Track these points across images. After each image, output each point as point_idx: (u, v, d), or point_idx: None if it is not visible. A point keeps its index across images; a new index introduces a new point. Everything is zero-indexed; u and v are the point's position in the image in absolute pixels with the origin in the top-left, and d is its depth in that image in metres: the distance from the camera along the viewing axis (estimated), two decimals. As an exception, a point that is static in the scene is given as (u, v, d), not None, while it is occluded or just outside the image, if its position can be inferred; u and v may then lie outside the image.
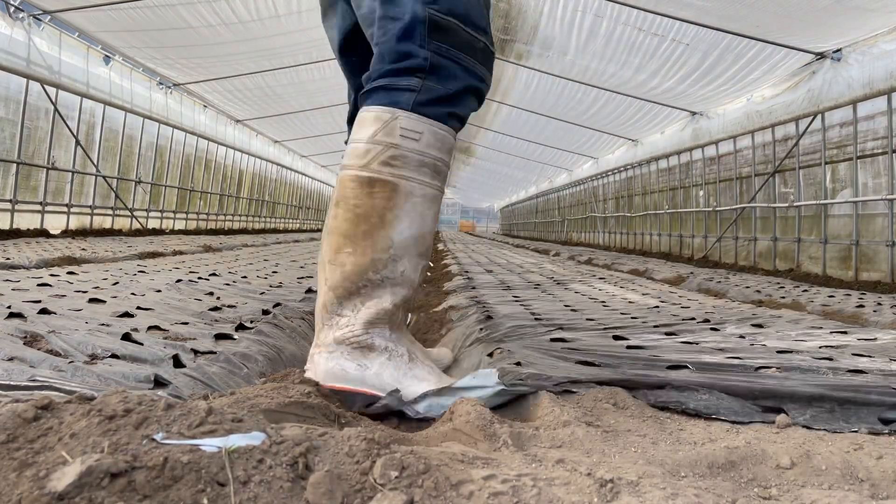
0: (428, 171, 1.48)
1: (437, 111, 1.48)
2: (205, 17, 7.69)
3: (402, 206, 1.44)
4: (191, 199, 13.21)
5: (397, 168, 1.44)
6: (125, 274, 3.87)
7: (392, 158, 1.44)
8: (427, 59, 1.46)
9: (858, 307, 3.76)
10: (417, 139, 1.45)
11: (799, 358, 1.93)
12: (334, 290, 1.44)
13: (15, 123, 7.77)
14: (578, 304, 3.49)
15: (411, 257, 1.46)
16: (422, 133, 1.46)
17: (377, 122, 1.46)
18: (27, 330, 1.74)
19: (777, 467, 1.04)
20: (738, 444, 1.13)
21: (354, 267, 1.43)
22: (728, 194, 9.10)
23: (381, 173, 1.44)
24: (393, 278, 1.44)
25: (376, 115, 1.47)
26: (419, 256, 1.49)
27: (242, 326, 2.17)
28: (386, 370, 1.41)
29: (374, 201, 1.43)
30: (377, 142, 1.45)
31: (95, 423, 0.80)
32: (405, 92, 1.46)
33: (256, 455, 0.78)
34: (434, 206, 1.51)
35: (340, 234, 1.45)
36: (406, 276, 1.46)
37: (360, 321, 1.43)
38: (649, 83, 8.35)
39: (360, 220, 1.43)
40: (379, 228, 1.43)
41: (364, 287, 1.43)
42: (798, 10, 5.52)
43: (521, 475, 0.88)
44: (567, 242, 17.97)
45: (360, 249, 1.43)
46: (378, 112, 1.47)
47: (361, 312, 1.43)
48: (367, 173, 1.44)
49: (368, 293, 1.44)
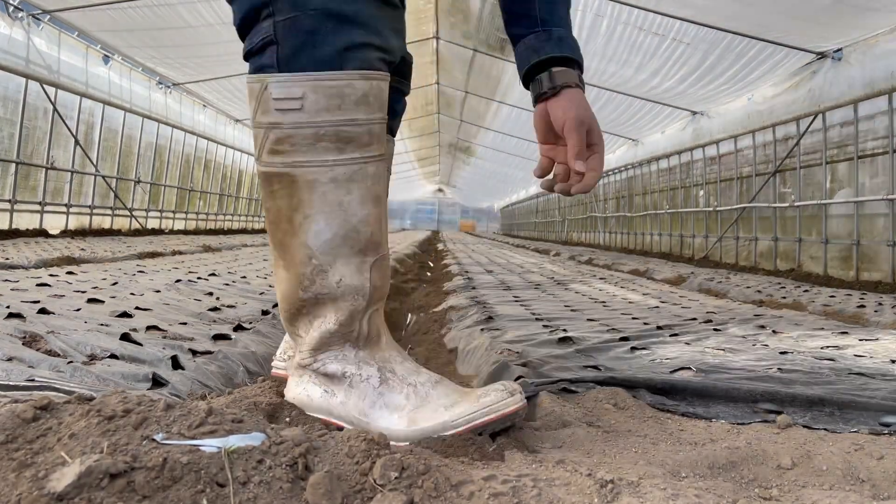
0: (329, 144, 1.10)
1: (317, 55, 1.06)
2: (204, 16, 7.68)
3: (310, 202, 1.11)
4: (190, 199, 13.21)
5: (287, 154, 1.10)
6: (124, 274, 3.86)
7: (278, 142, 1.10)
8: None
9: (859, 307, 3.76)
10: (299, 107, 1.08)
11: (801, 358, 1.93)
12: (281, 311, 1.22)
13: (14, 123, 7.77)
14: (579, 304, 3.49)
15: (346, 261, 1.14)
16: (301, 97, 1.07)
17: (252, 99, 1.12)
18: (26, 330, 1.74)
19: (778, 468, 1.04)
20: (738, 444, 1.12)
21: (286, 285, 1.17)
22: (729, 194, 9.10)
23: (272, 165, 1.11)
24: (328, 293, 1.14)
25: (250, 88, 1.12)
26: (358, 255, 1.15)
27: (241, 327, 2.17)
28: (351, 398, 1.15)
29: (277, 203, 1.13)
30: (259, 124, 1.12)
31: (95, 424, 0.80)
32: (266, 49, 1.08)
33: (256, 455, 0.78)
34: (356, 186, 1.13)
35: (272, 245, 1.19)
36: (347, 285, 1.14)
37: (307, 347, 1.18)
38: (650, 83, 8.35)
39: (275, 228, 1.16)
40: (292, 236, 1.13)
41: (303, 306, 1.17)
42: (799, 10, 5.52)
43: (522, 476, 0.87)
44: (567, 242, 17.98)
45: (286, 264, 1.16)
46: (250, 85, 1.12)
47: (309, 336, 1.18)
48: (262, 167, 1.14)
49: (311, 311, 1.17)
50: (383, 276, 1.19)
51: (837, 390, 1.41)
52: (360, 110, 1.10)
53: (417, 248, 12.43)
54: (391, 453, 0.85)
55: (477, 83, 12.03)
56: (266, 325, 2.26)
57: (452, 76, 12.58)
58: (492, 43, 9.43)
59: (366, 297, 1.16)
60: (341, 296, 1.14)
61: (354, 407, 1.14)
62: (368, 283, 1.16)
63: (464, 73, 11.85)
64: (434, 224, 47.44)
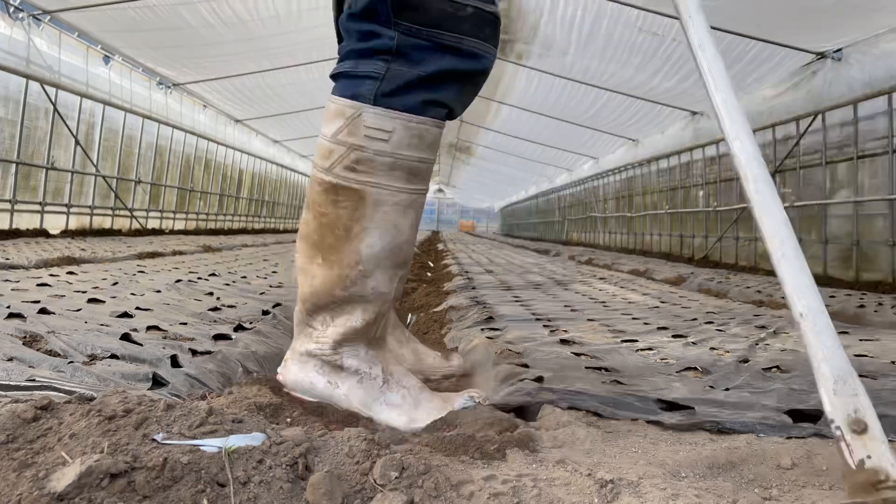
0: (401, 174, 1.27)
1: (408, 101, 1.24)
2: (204, 16, 7.68)
3: (371, 218, 1.26)
4: (190, 200, 13.21)
5: (363, 174, 1.25)
6: (125, 274, 3.87)
7: (357, 163, 1.25)
8: (394, 39, 1.23)
9: (860, 307, 3.76)
10: (386, 139, 1.24)
11: (803, 358, 1.93)
12: (304, 302, 1.33)
13: (14, 123, 7.77)
14: (579, 304, 3.49)
15: (384, 271, 1.30)
16: (391, 131, 1.24)
17: (340, 118, 1.26)
18: (26, 330, 1.74)
19: (778, 468, 1.04)
20: (738, 444, 1.12)
21: (323, 281, 1.29)
22: (728, 194, 9.10)
23: (346, 179, 1.26)
24: (363, 295, 1.29)
25: (339, 108, 1.27)
26: (394, 268, 1.32)
27: (242, 326, 2.17)
28: (355, 393, 1.30)
29: (339, 211, 1.27)
30: (340, 142, 1.26)
31: (95, 424, 0.80)
32: (366, 80, 1.24)
33: (256, 455, 0.78)
34: (410, 212, 1.31)
35: (311, 243, 1.31)
36: (377, 292, 1.30)
37: (329, 339, 1.31)
38: (650, 83, 8.34)
39: (327, 231, 1.28)
40: (345, 242, 1.27)
41: (333, 303, 1.30)
42: (799, 10, 5.51)
43: (522, 475, 0.88)
44: (567, 242, 17.97)
45: (328, 263, 1.29)
46: (341, 105, 1.27)
47: (330, 329, 1.31)
48: (331, 178, 1.27)
49: (338, 309, 1.30)
50: (401, 287, 1.38)
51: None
52: (430, 151, 1.31)
53: (417, 248, 12.44)
54: (391, 453, 0.86)
55: (477, 83, 12.04)
56: (266, 325, 2.26)
57: (452, 76, 12.59)
58: (492, 43, 9.45)
59: (387, 304, 1.33)
60: (372, 300, 1.30)
61: (359, 400, 1.30)
62: (393, 292, 1.34)
63: (464, 73, 11.87)
64: (434, 224, 47.44)
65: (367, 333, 1.32)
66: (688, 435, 1.22)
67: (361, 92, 1.24)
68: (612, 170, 13.92)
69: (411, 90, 1.24)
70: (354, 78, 1.25)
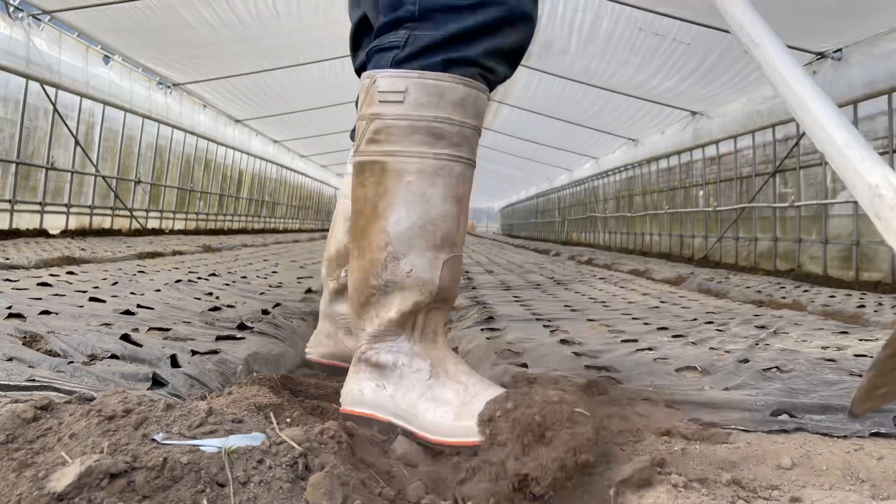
0: (421, 137, 1.17)
1: (428, 62, 1.17)
2: (204, 16, 7.68)
3: (396, 191, 1.17)
4: (190, 200, 13.21)
5: (384, 143, 1.18)
6: (125, 274, 3.87)
7: (376, 133, 1.18)
8: (416, 4, 1.18)
9: (859, 307, 3.76)
10: (401, 100, 1.16)
11: (803, 358, 1.93)
12: (351, 305, 1.26)
13: (14, 123, 7.77)
14: (579, 304, 3.49)
15: (420, 253, 1.17)
16: (404, 91, 1.16)
17: (362, 93, 1.22)
18: (26, 330, 1.74)
19: (778, 467, 1.04)
20: (738, 444, 1.12)
21: (359, 274, 1.21)
22: (728, 194, 9.10)
23: (368, 154, 1.20)
24: (397, 281, 1.17)
25: (362, 84, 1.22)
26: (434, 249, 1.18)
27: (242, 326, 2.17)
28: (400, 390, 1.18)
29: (365, 190, 1.20)
30: (361, 116, 1.21)
31: (95, 424, 0.80)
32: (389, 51, 1.19)
33: (256, 455, 0.78)
34: (439, 180, 1.18)
35: (352, 238, 1.24)
36: (416, 277, 1.17)
37: (365, 335, 1.22)
38: (650, 83, 8.35)
39: (358, 217, 1.22)
40: (372, 222, 1.19)
41: (371, 296, 1.20)
42: (799, 10, 5.51)
43: (522, 476, 0.87)
44: (567, 242, 17.98)
45: (360, 250, 1.21)
46: (363, 81, 1.23)
47: (368, 325, 1.22)
48: (358, 158, 1.22)
49: (376, 302, 1.20)
50: (454, 277, 1.22)
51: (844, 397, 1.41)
52: (456, 111, 1.18)
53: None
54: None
55: (477, 83, 12.05)
56: (267, 324, 2.26)
57: (452, 76, 12.61)
58: (492, 43, 9.45)
59: (432, 293, 1.19)
60: (409, 286, 1.18)
61: (403, 399, 1.17)
62: (438, 280, 1.19)
63: (464, 73, 11.88)
64: (434, 224, 47.31)
65: (407, 325, 1.20)
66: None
67: (381, 62, 1.20)
68: (612, 170, 13.92)
69: (432, 52, 1.17)
70: (380, 52, 1.21)
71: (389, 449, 1.13)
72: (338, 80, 10.79)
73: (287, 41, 8.77)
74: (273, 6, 7.64)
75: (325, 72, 10.36)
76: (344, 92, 11.19)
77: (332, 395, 1.49)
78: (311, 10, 7.76)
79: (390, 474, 0.99)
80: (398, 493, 0.91)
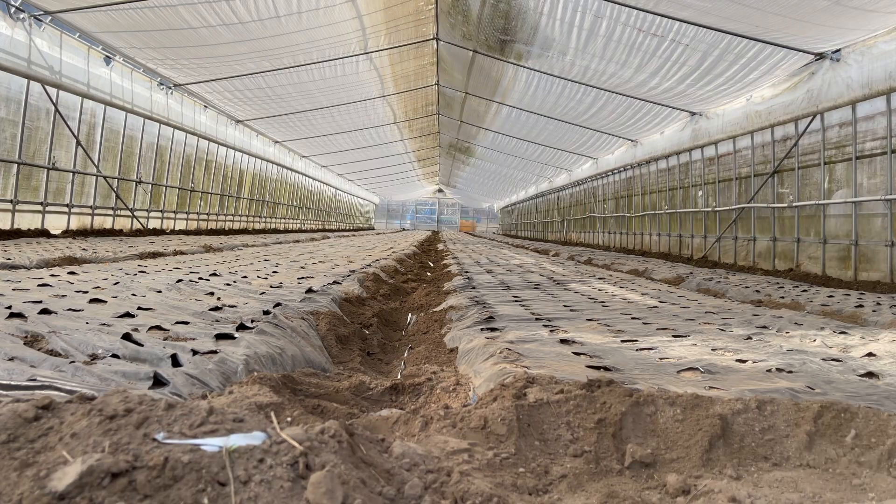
0: None
1: None
2: (205, 17, 7.69)
3: None
4: (191, 200, 13.21)
5: None
6: (126, 274, 3.87)
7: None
8: None
9: (858, 307, 3.76)
10: None
11: (808, 358, 1.94)
12: None
13: (16, 124, 7.77)
14: (578, 304, 3.49)
15: None
16: None
17: None
18: (28, 330, 1.74)
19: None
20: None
21: None
22: (727, 194, 9.10)
23: None
24: None
25: None
26: None
27: (243, 326, 2.18)
28: None
29: None
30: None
31: (96, 423, 0.80)
32: None
33: (257, 455, 0.79)
34: None
35: None
36: None
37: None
38: (649, 83, 8.35)
39: None
40: None
41: None
42: (797, 11, 5.52)
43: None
44: (567, 242, 17.97)
45: None
46: None
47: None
48: None
49: None
50: None
51: (854, 396, 1.41)
52: None
53: (417, 247, 12.44)
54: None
55: (477, 84, 12.03)
56: (267, 324, 2.27)
57: (452, 77, 12.58)
58: (492, 44, 9.43)
59: None
60: None
61: None
62: None
63: (463, 73, 11.85)
64: (434, 224, 47.40)
65: None
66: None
67: None
68: (611, 170, 13.93)
69: None
70: None
71: (389, 448, 1.14)
72: (338, 80, 10.80)
73: (287, 42, 8.78)
74: (273, 7, 7.65)
75: (325, 73, 10.37)
76: (344, 93, 11.18)
77: (332, 394, 1.49)
78: (312, 10, 7.77)
79: (390, 473, 0.99)
80: (398, 492, 0.92)
